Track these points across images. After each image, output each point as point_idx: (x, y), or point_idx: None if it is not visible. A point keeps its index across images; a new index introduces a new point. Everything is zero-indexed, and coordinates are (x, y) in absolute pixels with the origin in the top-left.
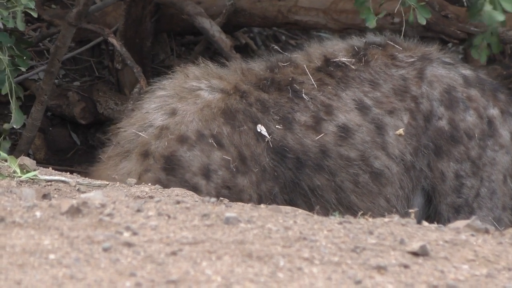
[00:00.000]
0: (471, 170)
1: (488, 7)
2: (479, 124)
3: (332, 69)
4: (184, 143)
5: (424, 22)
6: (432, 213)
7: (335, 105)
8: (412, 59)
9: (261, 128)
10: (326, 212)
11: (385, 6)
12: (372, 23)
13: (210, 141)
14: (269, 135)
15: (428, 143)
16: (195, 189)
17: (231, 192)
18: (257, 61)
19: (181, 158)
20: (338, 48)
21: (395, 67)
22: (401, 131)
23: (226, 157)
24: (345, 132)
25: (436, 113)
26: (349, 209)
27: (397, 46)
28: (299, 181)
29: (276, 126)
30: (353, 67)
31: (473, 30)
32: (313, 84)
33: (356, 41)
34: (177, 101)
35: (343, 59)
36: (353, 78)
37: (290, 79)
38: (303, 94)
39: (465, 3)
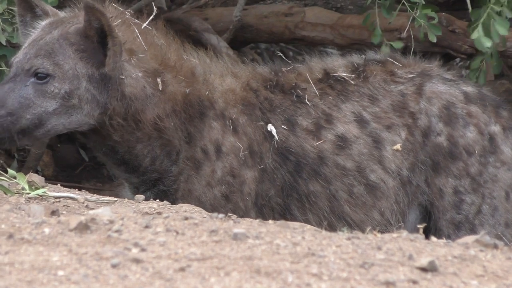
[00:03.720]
0: (470, 187)
1: (477, 34)
2: (480, 141)
3: (332, 82)
4: (213, 109)
5: (434, 40)
6: (432, 228)
7: (335, 115)
8: (411, 75)
9: (271, 128)
10: (318, 221)
11: (393, 21)
12: (377, 39)
13: (227, 123)
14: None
15: (425, 158)
16: (205, 152)
17: (234, 182)
18: (262, 65)
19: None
20: (337, 64)
21: (394, 83)
22: (398, 146)
23: (238, 144)
24: (343, 142)
25: (435, 129)
26: (342, 219)
27: (396, 62)
28: (297, 185)
29: (282, 126)
30: (352, 82)
31: None
32: (315, 92)
33: (356, 58)
34: None
35: (343, 74)
36: (353, 92)
37: (294, 84)
38: (306, 100)
39: (472, 19)
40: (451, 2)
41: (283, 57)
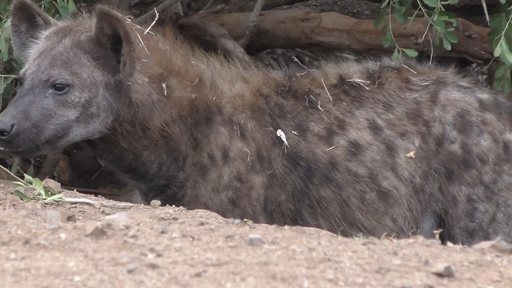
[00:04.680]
0: (484, 195)
1: (500, 49)
2: (494, 149)
3: (347, 87)
4: (220, 114)
5: (449, 48)
6: (445, 236)
7: (348, 121)
8: (426, 83)
9: (280, 133)
10: (330, 226)
11: (409, 27)
12: (387, 43)
13: (235, 128)
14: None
15: (439, 166)
16: (211, 158)
17: (242, 187)
18: (276, 70)
19: (215, 121)
20: (353, 70)
21: (408, 91)
22: (411, 153)
23: (246, 149)
24: (355, 148)
25: (449, 137)
26: (353, 225)
27: (411, 70)
28: (308, 190)
29: (292, 132)
30: (367, 88)
31: None
32: (329, 98)
33: (371, 65)
34: None
35: (358, 80)
36: (367, 99)
37: (307, 89)
38: (319, 106)
39: (489, 24)
40: (468, 7)
41: (299, 63)
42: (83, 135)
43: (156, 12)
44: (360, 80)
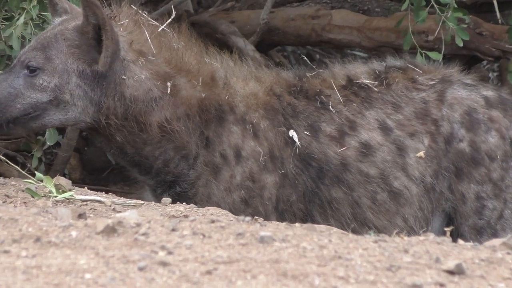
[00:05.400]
0: (492, 192)
1: None
2: (502, 145)
3: (356, 88)
4: (233, 113)
5: (461, 44)
6: (454, 234)
7: (359, 122)
8: (433, 82)
9: (293, 134)
10: (340, 226)
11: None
12: (407, 46)
13: (248, 127)
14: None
15: (448, 165)
16: (224, 157)
17: (254, 186)
18: (286, 70)
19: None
20: (360, 70)
21: (416, 90)
22: (421, 153)
23: (259, 149)
24: (366, 149)
25: (457, 135)
26: (364, 225)
27: (417, 69)
28: (319, 191)
29: (304, 132)
30: (375, 89)
31: (508, 48)
32: (339, 99)
33: (377, 65)
34: None
35: (366, 81)
36: (376, 99)
37: (318, 90)
38: (330, 106)
39: (499, 21)
40: (478, 4)
41: (308, 61)
42: (62, 121)
43: (172, 9)
44: (368, 81)
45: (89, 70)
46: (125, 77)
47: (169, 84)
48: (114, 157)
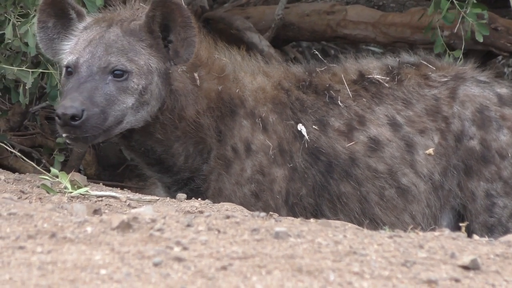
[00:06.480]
0: (503, 190)
1: None
2: None
3: (366, 84)
4: (243, 107)
5: (481, 40)
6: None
7: (368, 117)
8: (445, 79)
9: (301, 128)
10: (349, 222)
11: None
12: (437, 49)
13: (257, 121)
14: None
15: (458, 163)
16: (235, 151)
17: (264, 180)
18: (296, 65)
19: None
20: (372, 66)
21: (427, 87)
22: (431, 150)
23: (268, 143)
24: (375, 144)
25: (468, 133)
26: (372, 221)
27: (430, 65)
28: (328, 185)
29: (313, 127)
30: (386, 85)
31: None
32: (348, 94)
33: (391, 61)
34: None
35: (377, 76)
36: (387, 95)
37: (327, 85)
38: (339, 101)
39: None
40: (493, 0)
41: (319, 56)
42: (131, 123)
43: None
44: (379, 77)
45: (163, 68)
46: (170, 71)
47: (195, 74)
48: (137, 158)
